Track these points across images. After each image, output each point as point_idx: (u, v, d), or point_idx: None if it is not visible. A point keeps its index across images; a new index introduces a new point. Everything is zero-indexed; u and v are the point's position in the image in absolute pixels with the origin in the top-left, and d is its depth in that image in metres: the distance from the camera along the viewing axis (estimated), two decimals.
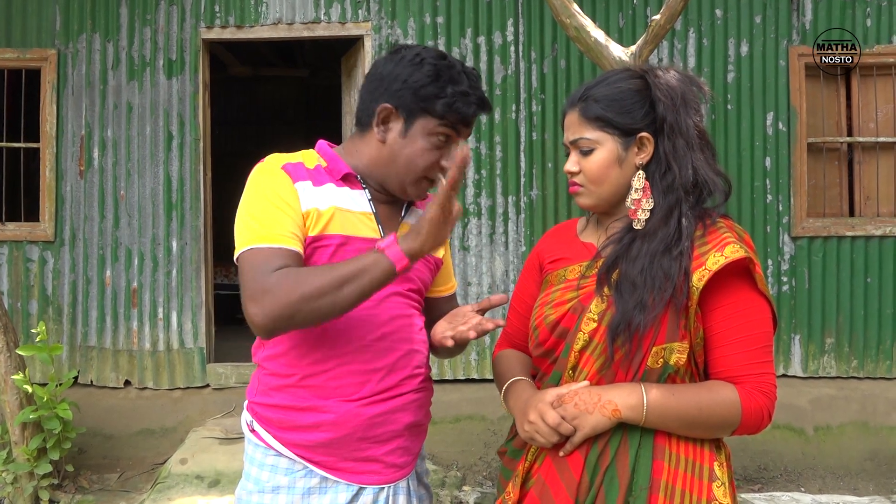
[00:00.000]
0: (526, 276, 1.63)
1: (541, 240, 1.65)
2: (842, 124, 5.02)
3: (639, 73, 1.47)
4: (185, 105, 4.94)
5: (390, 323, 1.52)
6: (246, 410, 1.61)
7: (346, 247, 1.48)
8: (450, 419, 4.63)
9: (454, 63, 1.52)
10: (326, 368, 1.48)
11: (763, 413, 1.35)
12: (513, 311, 1.64)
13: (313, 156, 1.57)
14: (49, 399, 3.93)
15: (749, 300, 1.37)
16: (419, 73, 1.48)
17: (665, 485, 1.33)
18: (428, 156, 1.50)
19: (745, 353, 1.35)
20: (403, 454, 1.56)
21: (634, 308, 1.33)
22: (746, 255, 1.34)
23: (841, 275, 4.88)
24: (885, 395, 4.75)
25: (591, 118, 1.43)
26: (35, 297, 4.94)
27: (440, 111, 1.47)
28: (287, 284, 1.34)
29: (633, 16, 4.90)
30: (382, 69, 1.54)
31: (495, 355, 1.66)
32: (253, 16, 4.94)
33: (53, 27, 4.96)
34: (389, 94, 1.50)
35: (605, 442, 1.36)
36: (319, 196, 1.48)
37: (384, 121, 1.51)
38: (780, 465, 4.53)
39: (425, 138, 1.49)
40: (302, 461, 1.50)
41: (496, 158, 4.90)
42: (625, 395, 1.34)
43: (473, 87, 1.50)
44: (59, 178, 4.94)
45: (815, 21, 4.90)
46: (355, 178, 1.55)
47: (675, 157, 1.40)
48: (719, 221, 1.42)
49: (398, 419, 1.52)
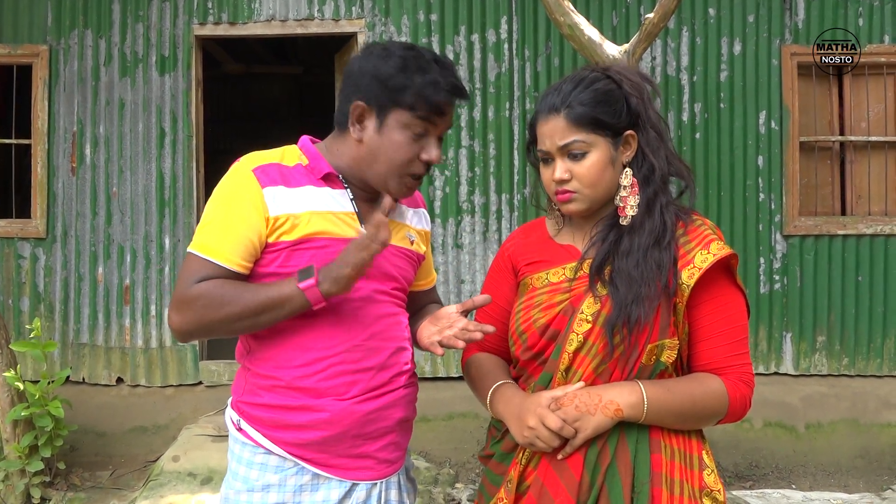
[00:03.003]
0: (498, 280, 1.60)
1: (508, 242, 1.62)
2: (834, 123, 5.04)
3: (603, 73, 1.47)
4: (177, 102, 4.92)
5: (378, 322, 1.52)
6: (231, 408, 1.57)
7: (328, 248, 1.47)
8: (443, 417, 4.64)
9: (423, 53, 1.49)
10: (318, 370, 1.48)
11: (746, 401, 1.41)
12: (483, 315, 1.61)
13: (295, 152, 1.55)
14: (41, 396, 3.91)
15: (730, 295, 1.43)
16: (387, 66, 1.46)
17: (665, 477, 1.36)
18: (406, 150, 1.47)
19: (727, 346, 1.41)
20: (395, 449, 1.56)
21: (633, 301, 1.35)
22: (731, 252, 1.40)
23: (832, 273, 4.90)
24: (875, 392, 4.78)
25: (581, 121, 1.41)
26: (27, 294, 4.92)
27: (410, 102, 1.44)
28: (208, 302, 1.40)
29: (626, 14, 4.91)
30: (353, 67, 1.52)
31: (466, 359, 1.63)
32: (246, 13, 4.92)
33: (45, 23, 4.94)
34: (360, 90, 1.48)
35: (604, 441, 1.37)
36: (295, 200, 1.47)
37: (359, 119, 1.50)
38: (771, 462, 4.55)
39: (401, 132, 1.47)
40: (293, 458, 1.49)
41: (490, 156, 4.90)
42: (626, 394, 1.35)
43: (444, 75, 1.47)
44: (51, 175, 4.92)
45: (808, 20, 4.91)
46: (337, 178, 1.53)
47: (651, 150, 1.44)
48: (695, 217, 1.46)
49: (390, 415, 1.53)
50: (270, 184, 1.46)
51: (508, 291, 1.57)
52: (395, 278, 1.58)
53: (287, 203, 1.46)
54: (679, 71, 4.91)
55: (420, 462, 4.28)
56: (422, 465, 4.21)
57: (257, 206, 1.45)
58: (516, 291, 1.56)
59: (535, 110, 1.49)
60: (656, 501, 1.34)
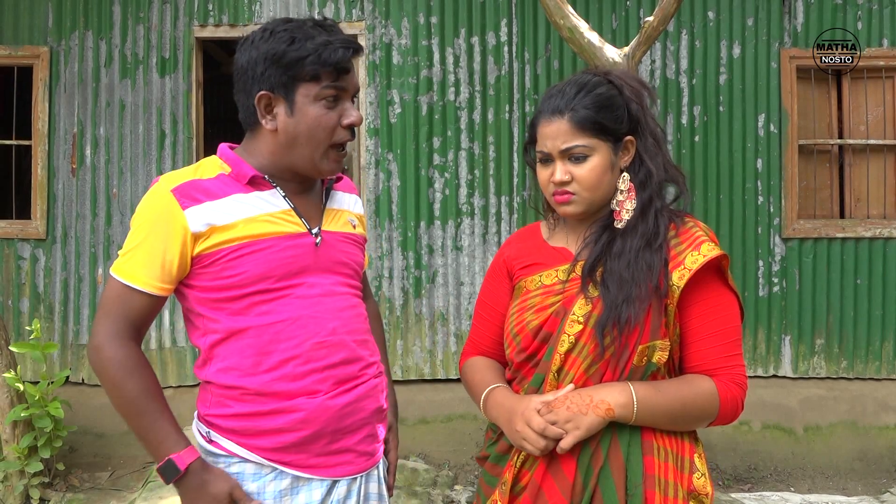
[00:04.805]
0: (494, 284, 1.61)
1: (504, 247, 1.64)
2: (833, 126, 5.05)
3: (605, 78, 1.48)
4: (177, 103, 4.93)
5: (338, 315, 1.50)
6: (199, 422, 1.53)
7: (274, 248, 1.45)
8: (442, 418, 4.64)
9: (304, 21, 1.45)
10: (285, 373, 1.45)
11: (738, 403, 1.42)
12: (480, 319, 1.63)
13: (214, 163, 1.50)
14: (41, 397, 3.91)
15: (722, 296, 1.44)
16: (275, 45, 1.42)
17: (658, 479, 1.37)
18: (325, 120, 1.44)
19: (719, 347, 1.42)
20: (373, 441, 1.56)
21: (623, 302, 1.37)
22: (722, 253, 1.41)
23: (831, 276, 4.91)
24: (873, 395, 4.79)
25: (585, 126, 1.42)
26: (26, 295, 4.92)
27: (311, 71, 1.41)
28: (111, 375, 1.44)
29: (626, 17, 4.92)
30: (240, 62, 1.48)
31: (463, 364, 1.64)
32: (247, 14, 4.93)
33: (46, 24, 4.95)
34: (258, 80, 1.44)
35: (597, 443, 1.38)
36: (223, 211, 1.43)
37: (267, 109, 1.45)
38: (769, 464, 4.55)
39: (313, 105, 1.43)
40: (271, 464, 1.46)
41: (489, 158, 4.91)
42: (616, 394, 1.36)
43: (332, 34, 1.44)
44: (51, 176, 4.92)
45: (807, 24, 4.92)
46: (263, 179, 1.49)
47: (649, 156, 1.46)
48: (687, 220, 1.48)
49: (365, 406, 1.52)
50: (193, 203, 1.43)
51: (505, 296, 1.58)
52: (348, 264, 1.57)
53: (214, 216, 1.43)
54: (678, 74, 4.92)
55: (419, 464, 4.28)
56: (420, 466, 4.22)
57: (176, 226, 1.41)
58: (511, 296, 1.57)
59: (537, 111, 1.49)
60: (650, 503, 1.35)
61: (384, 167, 4.90)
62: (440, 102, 4.89)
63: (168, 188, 1.44)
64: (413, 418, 4.65)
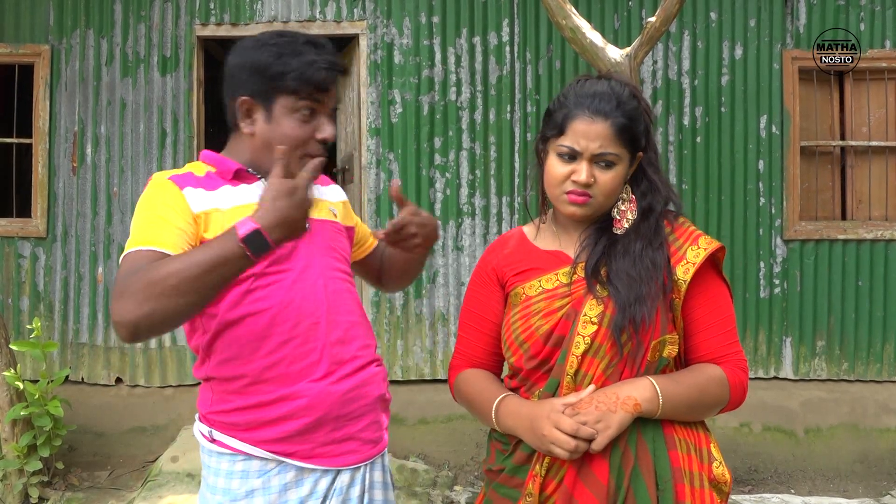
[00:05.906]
0: (483, 293, 1.57)
1: (488, 255, 1.60)
2: (835, 128, 5.04)
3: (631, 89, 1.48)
4: (179, 102, 4.92)
5: (330, 296, 1.53)
6: (200, 422, 1.55)
7: None
8: (442, 419, 4.64)
9: (296, 37, 1.51)
10: (284, 353, 1.47)
11: (745, 387, 1.47)
12: (468, 330, 1.59)
13: (200, 166, 1.56)
14: (40, 396, 3.91)
15: (719, 286, 1.49)
16: (262, 56, 1.48)
17: (685, 472, 1.39)
18: (298, 132, 1.49)
19: (722, 335, 1.46)
20: (378, 428, 1.56)
21: (635, 301, 1.39)
22: (720, 245, 1.47)
23: (833, 278, 4.90)
24: (874, 397, 4.78)
25: (623, 135, 1.43)
26: (26, 293, 4.92)
27: (293, 86, 1.47)
28: (144, 281, 1.25)
29: (628, 17, 4.91)
30: (229, 65, 1.54)
31: (455, 377, 1.60)
32: (248, 13, 4.93)
33: (47, 23, 4.94)
34: (242, 86, 1.50)
35: (625, 442, 1.38)
36: (217, 198, 1.49)
37: (247, 113, 1.52)
38: (770, 466, 4.55)
39: (289, 117, 1.49)
40: (275, 457, 1.47)
41: (490, 159, 4.90)
42: (640, 389, 1.37)
43: (320, 54, 1.49)
44: (52, 175, 4.92)
45: (809, 25, 4.91)
46: (247, 172, 1.55)
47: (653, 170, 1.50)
48: (679, 217, 1.52)
49: (368, 393, 1.53)
50: (190, 185, 1.48)
51: (496, 305, 1.55)
52: (336, 249, 1.60)
53: (209, 202, 1.48)
54: (680, 75, 4.91)
55: (419, 464, 4.28)
56: (420, 467, 4.21)
57: (181, 206, 1.45)
58: (504, 304, 1.55)
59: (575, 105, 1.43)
60: (680, 497, 1.36)
61: (385, 167, 4.89)
62: (441, 102, 4.89)
63: (165, 177, 1.51)
64: (413, 418, 4.64)
